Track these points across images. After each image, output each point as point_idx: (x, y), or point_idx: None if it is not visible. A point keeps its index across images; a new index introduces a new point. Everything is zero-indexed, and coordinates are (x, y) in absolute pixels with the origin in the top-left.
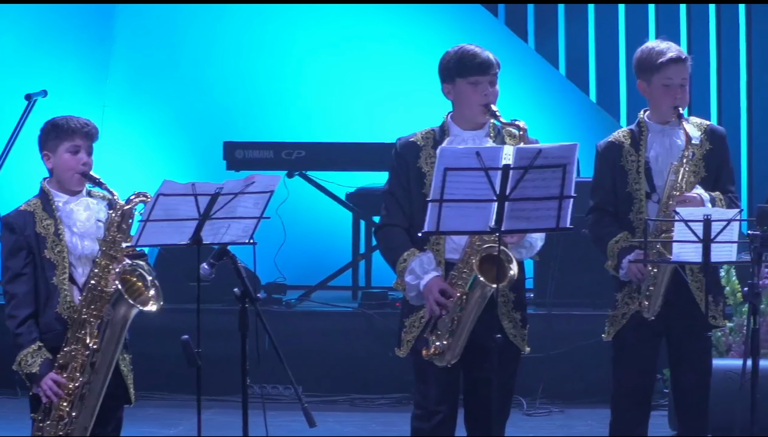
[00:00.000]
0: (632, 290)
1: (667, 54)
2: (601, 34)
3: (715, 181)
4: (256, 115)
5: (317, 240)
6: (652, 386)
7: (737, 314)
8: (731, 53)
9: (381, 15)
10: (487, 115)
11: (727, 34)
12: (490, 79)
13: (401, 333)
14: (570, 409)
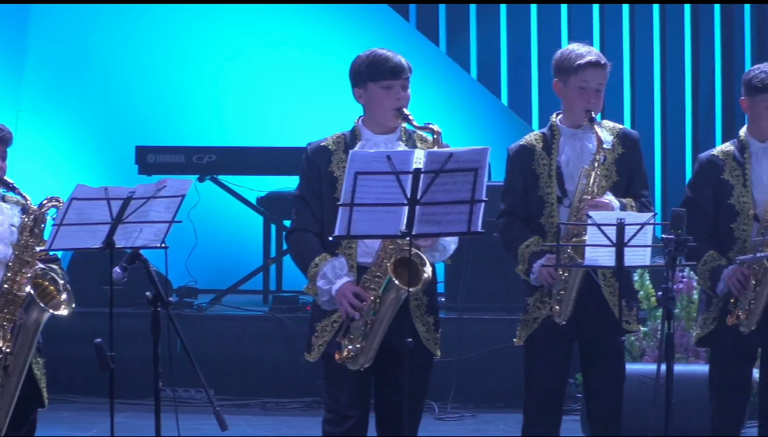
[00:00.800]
0: (543, 294)
1: (587, 57)
2: (513, 37)
3: (627, 185)
4: (169, 120)
5: (228, 244)
6: (564, 390)
7: (651, 318)
8: (645, 56)
9: (292, 20)
10: (400, 118)
11: (641, 37)
12: (402, 82)
13: (312, 338)
14: (482, 413)
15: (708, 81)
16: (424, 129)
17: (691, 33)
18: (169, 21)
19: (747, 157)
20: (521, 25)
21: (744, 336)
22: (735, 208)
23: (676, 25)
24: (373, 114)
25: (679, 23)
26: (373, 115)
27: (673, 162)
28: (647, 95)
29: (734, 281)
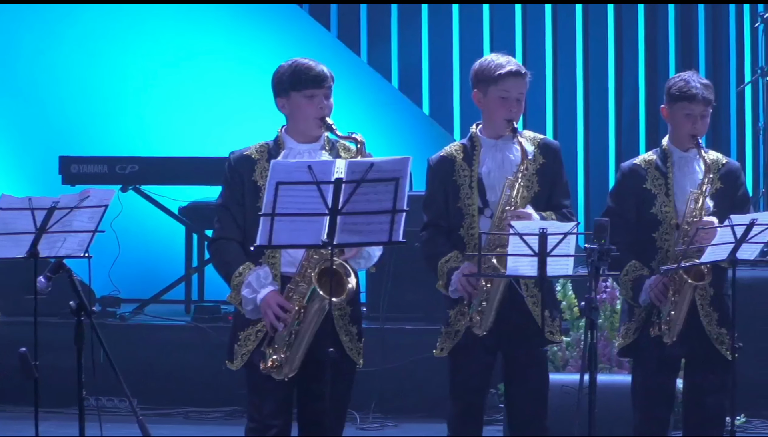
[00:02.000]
0: (464, 306)
1: (506, 67)
2: (435, 47)
3: (549, 195)
4: (93, 130)
5: (151, 254)
6: (485, 401)
7: (574, 329)
8: (567, 64)
9: (216, 30)
10: (323, 128)
11: (564, 45)
12: (325, 92)
13: (234, 346)
14: (404, 423)
15: (631, 89)
16: (348, 138)
17: (614, 40)
18: (94, 31)
19: (669, 166)
20: (443, 34)
21: (667, 346)
22: (657, 217)
23: (600, 32)
24: (296, 123)
25: (602, 30)
26: (296, 125)
27: (595, 171)
28: (570, 103)
29: (656, 290)
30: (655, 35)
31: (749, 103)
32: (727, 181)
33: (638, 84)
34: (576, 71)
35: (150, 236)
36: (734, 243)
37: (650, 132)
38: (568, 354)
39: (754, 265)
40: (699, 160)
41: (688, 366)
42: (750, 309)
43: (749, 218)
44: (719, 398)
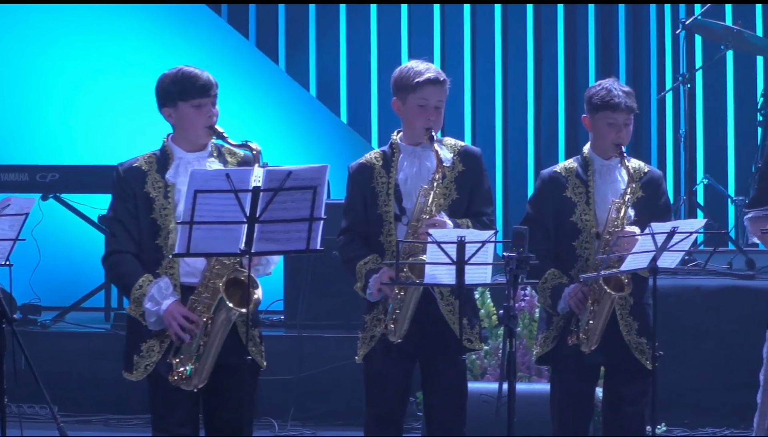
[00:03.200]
0: (380, 313)
1: (425, 74)
2: (352, 55)
3: (468, 203)
4: (17, 139)
5: (71, 262)
6: (404, 409)
7: (493, 337)
8: (486, 71)
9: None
10: (213, 135)
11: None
12: (212, 100)
13: (134, 357)
14: (322, 431)
15: (550, 96)
16: (243, 146)
17: (534, 46)
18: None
19: (590, 174)
20: (361, 42)
21: (586, 355)
22: (577, 225)
23: (519, 39)
24: (185, 132)
25: (521, 36)
26: (185, 134)
27: (514, 178)
28: (488, 110)
29: (575, 298)
30: (574, 41)
31: (670, 111)
32: (649, 189)
33: (557, 90)
34: (495, 77)
35: (70, 244)
36: (654, 251)
37: (569, 139)
38: (486, 362)
39: (674, 274)
40: (621, 168)
41: (608, 374)
42: (671, 317)
43: (670, 226)
44: (639, 407)
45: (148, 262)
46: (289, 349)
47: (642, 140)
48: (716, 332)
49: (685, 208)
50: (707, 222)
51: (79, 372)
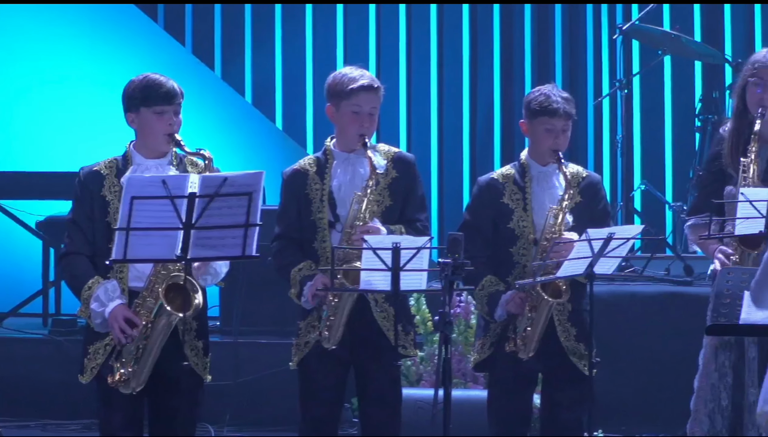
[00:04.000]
0: (314, 319)
1: (359, 81)
2: (288, 61)
3: (402, 209)
4: None
5: (8, 267)
6: (338, 415)
7: (428, 343)
8: (422, 77)
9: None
10: (172, 144)
11: (418, 58)
12: (175, 108)
13: (85, 360)
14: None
15: (486, 101)
16: (196, 154)
17: (470, 51)
18: None
19: (528, 180)
20: (296, 49)
21: (523, 361)
22: (515, 232)
23: (454, 44)
24: (145, 139)
25: (457, 41)
26: (145, 140)
27: (450, 184)
28: (424, 116)
29: (512, 307)
30: (510, 46)
31: (607, 116)
32: (588, 194)
33: (493, 96)
34: (430, 83)
35: (7, 250)
36: (591, 257)
37: (505, 145)
38: (422, 368)
39: (611, 280)
40: (558, 174)
41: (545, 381)
42: (608, 324)
43: (607, 232)
44: (576, 413)
45: (103, 265)
46: (225, 355)
47: (579, 146)
48: (653, 338)
49: (622, 213)
50: (644, 228)
51: (16, 378)
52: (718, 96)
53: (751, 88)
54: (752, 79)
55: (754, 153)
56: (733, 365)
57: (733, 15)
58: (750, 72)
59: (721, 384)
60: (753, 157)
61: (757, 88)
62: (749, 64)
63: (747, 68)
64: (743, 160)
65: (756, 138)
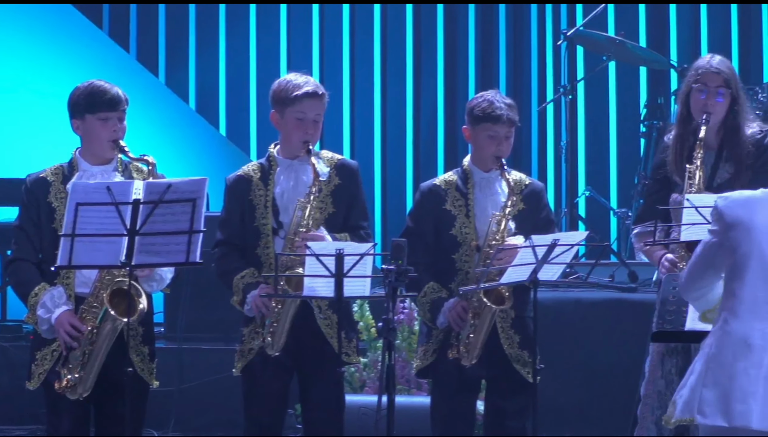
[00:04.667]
0: (257, 325)
1: (304, 88)
2: (232, 68)
3: (346, 216)
4: None
5: None
6: (282, 421)
7: (372, 350)
8: (365, 84)
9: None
10: (116, 150)
11: (362, 65)
12: (119, 115)
13: (32, 366)
14: None
15: (429, 107)
16: (140, 160)
17: (413, 57)
18: None
19: (470, 186)
20: (240, 55)
21: (466, 368)
22: (457, 238)
23: (398, 52)
24: (90, 145)
25: (401, 47)
26: (90, 147)
27: (393, 191)
28: (367, 123)
29: (454, 314)
30: (454, 52)
31: (551, 122)
32: (530, 202)
33: (436, 102)
34: (373, 90)
35: None
36: (535, 264)
37: (448, 151)
38: (365, 375)
39: (555, 286)
40: (501, 180)
41: (489, 388)
42: (552, 330)
43: (551, 238)
44: (520, 420)
45: (50, 271)
46: (170, 361)
47: (523, 152)
48: (598, 345)
49: (566, 220)
50: (589, 234)
51: None
52: (663, 102)
53: (694, 94)
54: (696, 85)
55: (700, 159)
56: (679, 372)
57: (678, 20)
58: (693, 78)
59: (668, 392)
60: (698, 164)
61: (701, 94)
62: (693, 70)
63: (691, 74)
64: (689, 166)
65: (701, 144)
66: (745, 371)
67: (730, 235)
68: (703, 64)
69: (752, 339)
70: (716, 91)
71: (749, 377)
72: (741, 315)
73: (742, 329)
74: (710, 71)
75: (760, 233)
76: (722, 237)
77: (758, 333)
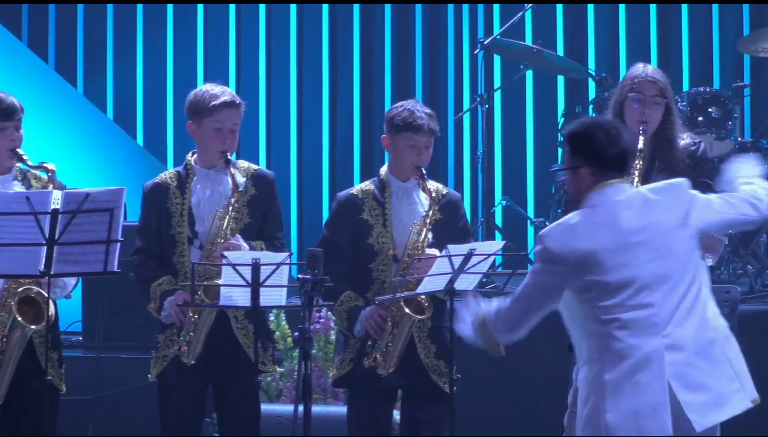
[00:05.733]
0: (173, 333)
1: (221, 97)
2: (149, 78)
3: (261, 226)
4: None
5: None
6: (198, 429)
7: (288, 359)
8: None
9: None
10: (14, 159)
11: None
12: (16, 124)
13: None
14: None
15: (346, 117)
16: (39, 168)
17: (329, 68)
18: None
19: (387, 196)
20: (157, 66)
21: (383, 377)
22: (374, 248)
23: (314, 61)
24: None
25: (317, 58)
26: None
27: (309, 200)
28: (284, 133)
29: (371, 323)
30: (370, 62)
31: (468, 131)
32: (448, 212)
33: (353, 112)
34: (290, 100)
35: None
36: (452, 273)
37: (365, 161)
38: (282, 384)
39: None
40: (419, 190)
41: (406, 397)
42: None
43: (467, 248)
44: (437, 430)
45: None
46: (88, 370)
47: (439, 161)
48: (516, 355)
49: (483, 229)
50: (506, 244)
51: None
52: (581, 110)
53: (630, 103)
54: (631, 94)
55: (639, 170)
56: None
57: (596, 30)
58: (629, 87)
59: None
60: (637, 175)
61: (636, 104)
62: (627, 80)
63: (625, 83)
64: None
65: (641, 155)
66: (648, 385)
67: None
68: (638, 73)
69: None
70: (652, 101)
71: (654, 389)
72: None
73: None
74: (647, 80)
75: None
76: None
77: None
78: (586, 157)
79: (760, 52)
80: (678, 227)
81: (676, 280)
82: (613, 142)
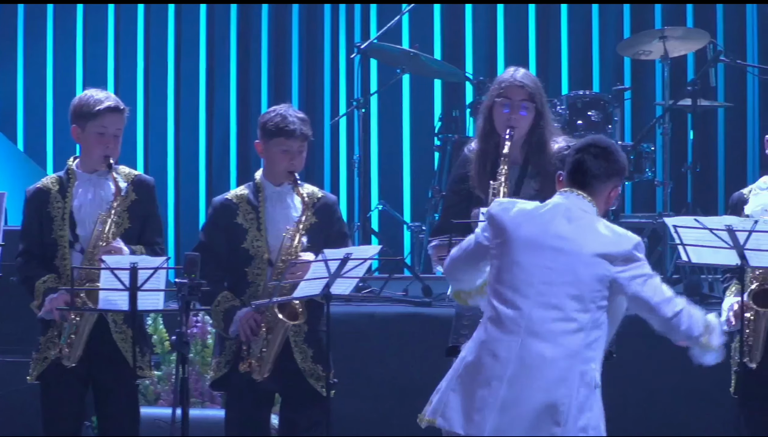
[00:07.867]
0: (54, 335)
1: (105, 103)
2: (29, 85)
3: (141, 231)
4: None
5: None
6: (80, 431)
7: (165, 363)
8: (159, 98)
9: None
10: None
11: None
12: None
13: None
14: None
15: (222, 123)
16: None
17: (206, 74)
18: None
19: (262, 200)
20: (37, 71)
21: (259, 381)
22: (249, 252)
23: (191, 66)
24: None
25: (194, 62)
26: None
27: (186, 206)
28: (161, 138)
29: (245, 325)
30: (247, 66)
31: (344, 136)
32: (323, 215)
33: (229, 117)
34: (167, 105)
35: None
36: (328, 278)
37: (241, 166)
38: (159, 388)
39: (349, 300)
40: (294, 194)
41: (283, 401)
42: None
43: (343, 252)
44: (314, 433)
45: None
46: None
47: (315, 165)
48: (394, 359)
49: (359, 234)
50: (382, 248)
51: None
52: (458, 114)
53: (498, 108)
54: (499, 99)
55: (504, 175)
56: None
57: (474, 33)
58: (497, 91)
59: None
60: (503, 180)
61: (504, 108)
62: (496, 84)
63: (494, 88)
64: (493, 183)
65: (506, 160)
66: (488, 382)
67: (495, 242)
68: (506, 78)
69: (499, 350)
70: (520, 105)
71: (491, 388)
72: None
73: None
74: (514, 85)
75: (519, 247)
76: (491, 242)
77: (504, 345)
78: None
79: (640, 55)
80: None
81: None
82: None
